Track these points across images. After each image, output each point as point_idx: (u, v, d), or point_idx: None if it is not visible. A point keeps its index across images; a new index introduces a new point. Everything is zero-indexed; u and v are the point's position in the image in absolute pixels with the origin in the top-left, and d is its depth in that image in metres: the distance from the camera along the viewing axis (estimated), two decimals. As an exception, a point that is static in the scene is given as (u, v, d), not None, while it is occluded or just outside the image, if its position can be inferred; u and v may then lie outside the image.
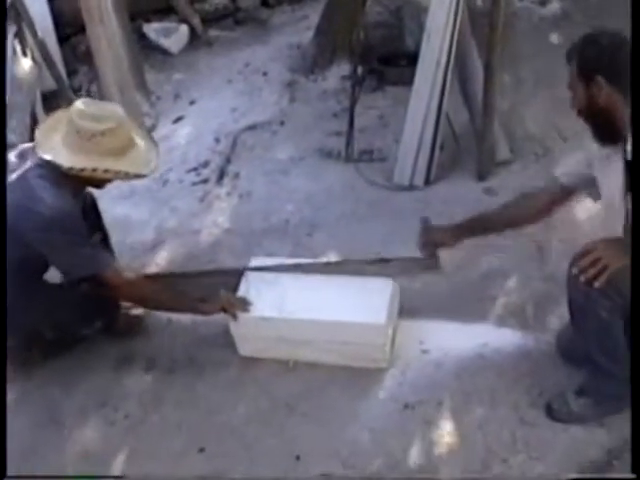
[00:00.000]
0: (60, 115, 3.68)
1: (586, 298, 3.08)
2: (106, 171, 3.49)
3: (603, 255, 2.92)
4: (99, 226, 4.09)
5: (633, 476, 2.72)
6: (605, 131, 3.17)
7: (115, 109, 3.63)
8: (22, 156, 3.62)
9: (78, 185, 3.62)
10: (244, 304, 3.80)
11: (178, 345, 4.10)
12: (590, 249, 2.98)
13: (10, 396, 3.79)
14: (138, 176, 3.66)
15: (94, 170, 3.46)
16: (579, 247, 3.05)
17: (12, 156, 3.67)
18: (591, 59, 3.08)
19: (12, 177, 3.53)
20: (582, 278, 2.95)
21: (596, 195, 3.42)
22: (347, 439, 3.48)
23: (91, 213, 3.98)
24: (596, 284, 2.91)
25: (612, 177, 3.18)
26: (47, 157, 3.47)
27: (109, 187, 3.79)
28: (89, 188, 3.85)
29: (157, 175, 5.58)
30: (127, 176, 3.60)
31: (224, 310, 3.78)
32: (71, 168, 3.45)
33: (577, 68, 3.12)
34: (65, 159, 3.46)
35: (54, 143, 3.52)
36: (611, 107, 3.08)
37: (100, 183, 3.71)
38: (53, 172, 3.49)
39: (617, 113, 3.07)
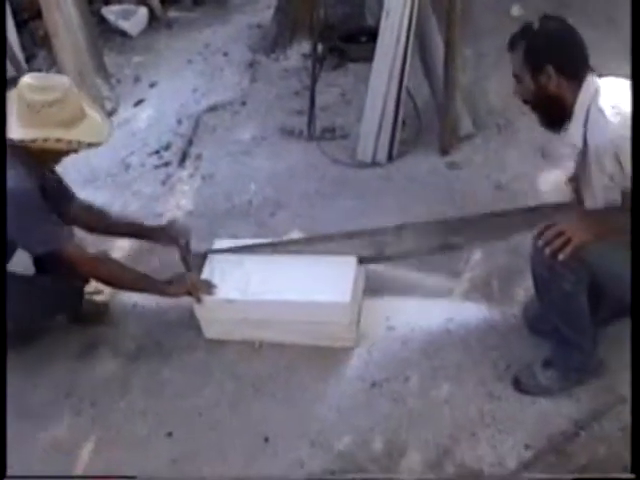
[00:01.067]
0: (12, 93, 3.64)
1: (550, 271, 3.10)
2: (58, 140, 3.44)
3: (568, 228, 2.93)
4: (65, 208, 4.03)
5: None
6: (553, 118, 3.18)
7: (62, 80, 3.59)
8: None
9: (35, 160, 3.55)
10: (208, 287, 3.79)
11: (143, 330, 4.09)
12: (555, 222, 2.99)
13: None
14: (92, 145, 3.60)
15: (45, 140, 3.42)
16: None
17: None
18: (540, 49, 3.06)
19: None
20: (547, 250, 2.95)
21: None
22: (315, 419, 3.48)
23: (55, 197, 3.92)
24: (560, 256, 2.92)
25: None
26: None
27: (70, 171, 3.76)
28: (50, 166, 3.79)
29: (119, 159, 5.57)
30: (80, 145, 3.54)
31: (189, 293, 3.77)
32: (22, 140, 3.41)
33: (524, 58, 3.09)
34: (15, 132, 3.42)
35: (8, 120, 3.48)
36: (560, 95, 3.07)
37: (55, 157, 3.66)
38: (8, 149, 3.45)
39: (566, 101, 3.07)
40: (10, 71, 6.21)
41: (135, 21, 7.57)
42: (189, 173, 5.38)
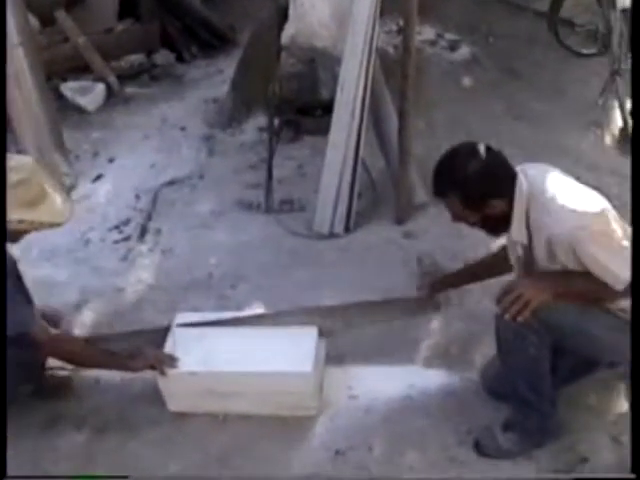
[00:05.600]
0: None
1: (515, 335, 3.16)
2: (20, 222, 3.47)
3: (525, 291, 3.01)
4: (21, 288, 4.04)
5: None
6: (499, 228, 3.28)
7: (26, 160, 3.65)
8: None
9: None
10: (171, 360, 3.80)
11: (108, 404, 4.07)
12: (511, 286, 3.07)
13: None
14: (52, 225, 3.64)
15: (8, 222, 3.45)
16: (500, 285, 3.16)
17: None
18: (476, 192, 3.13)
19: None
20: (506, 316, 3.03)
21: None
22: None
23: (12, 275, 3.93)
24: (519, 319, 2.99)
25: None
26: None
27: (29, 248, 3.78)
28: (7, 245, 3.80)
29: (78, 235, 5.56)
30: (42, 226, 3.58)
31: (152, 367, 3.78)
32: None
33: (464, 205, 3.16)
34: None
35: None
36: (503, 212, 3.16)
37: (15, 236, 3.65)
38: None
39: (507, 213, 3.16)
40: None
41: (92, 97, 7.60)
42: (149, 247, 5.39)
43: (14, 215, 3.45)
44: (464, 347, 4.11)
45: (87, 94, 7.61)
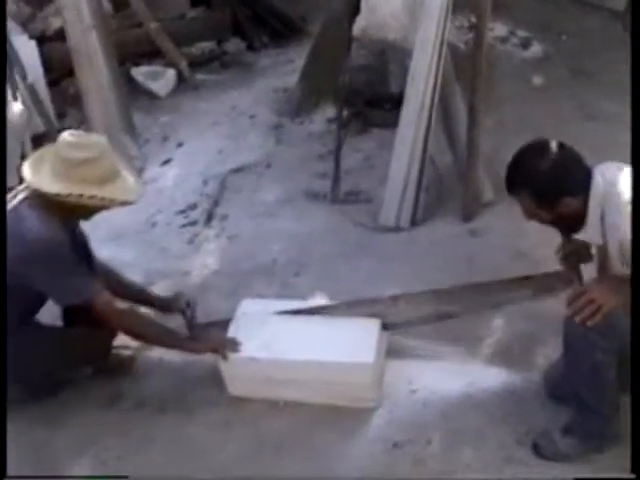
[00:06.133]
0: (47, 149, 3.73)
1: (584, 339, 3.11)
2: (91, 197, 3.51)
3: (596, 295, 2.96)
4: (89, 261, 4.08)
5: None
6: (573, 229, 3.23)
7: (99, 138, 3.69)
8: (14, 195, 3.67)
9: (67, 215, 3.63)
10: (235, 344, 3.83)
11: (168, 385, 4.11)
12: (583, 290, 3.03)
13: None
14: (124, 203, 3.68)
15: (80, 196, 3.49)
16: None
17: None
18: (549, 189, 3.09)
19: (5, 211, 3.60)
20: (577, 319, 2.99)
21: None
22: (336, 479, 3.50)
23: (82, 252, 3.98)
24: (589, 323, 2.95)
25: None
26: (34, 185, 3.53)
27: (95, 228, 3.81)
28: (79, 222, 3.86)
29: (145, 217, 5.63)
30: (112, 203, 3.62)
31: (213, 350, 3.82)
32: (57, 194, 3.48)
33: (537, 202, 3.13)
34: (52, 186, 3.49)
35: (42, 173, 3.55)
36: (578, 211, 3.11)
37: (87, 213, 3.72)
38: (42, 202, 3.54)
39: (582, 212, 3.11)
40: (41, 127, 6.32)
41: (163, 82, 7.68)
42: (215, 233, 5.44)
43: (86, 190, 3.51)
44: (526, 347, 4.07)
45: (158, 79, 7.70)
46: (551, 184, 3.07)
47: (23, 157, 5.82)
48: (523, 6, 8.28)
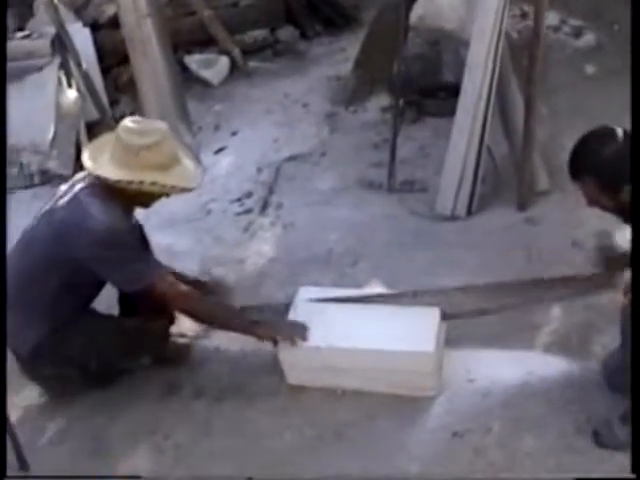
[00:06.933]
0: (106, 136, 3.78)
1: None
2: (153, 184, 3.54)
3: None
4: (146, 246, 4.09)
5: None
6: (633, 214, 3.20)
7: (160, 125, 3.72)
8: (73, 184, 3.72)
9: (127, 201, 3.68)
10: (305, 331, 3.81)
11: (226, 373, 4.13)
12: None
13: (52, 427, 3.88)
14: (185, 190, 3.71)
15: (141, 183, 3.52)
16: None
17: (63, 186, 3.78)
18: (613, 177, 3.08)
19: (64, 199, 3.64)
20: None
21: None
22: (396, 468, 3.49)
23: (137, 236, 3.99)
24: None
25: None
26: (96, 172, 3.57)
27: (149, 215, 3.84)
28: (137, 210, 3.88)
29: (199, 205, 5.67)
30: (173, 190, 3.64)
31: (274, 339, 3.82)
32: (118, 181, 3.52)
33: (600, 190, 3.13)
34: (112, 173, 3.54)
35: (102, 160, 3.60)
36: None
37: (148, 200, 3.76)
38: (103, 189, 3.59)
39: None
40: (94, 115, 6.38)
41: (216, 70, 7.73)
42: (270, 221, 5.47)
43: (147, 177, 3.54)
44: (584, 336, 4.04)
45: (211, 67, 7.75)
46: (615, 171, 3.07)
47: (77, 144, 5.90)
48: (575, -5, 8.23)
